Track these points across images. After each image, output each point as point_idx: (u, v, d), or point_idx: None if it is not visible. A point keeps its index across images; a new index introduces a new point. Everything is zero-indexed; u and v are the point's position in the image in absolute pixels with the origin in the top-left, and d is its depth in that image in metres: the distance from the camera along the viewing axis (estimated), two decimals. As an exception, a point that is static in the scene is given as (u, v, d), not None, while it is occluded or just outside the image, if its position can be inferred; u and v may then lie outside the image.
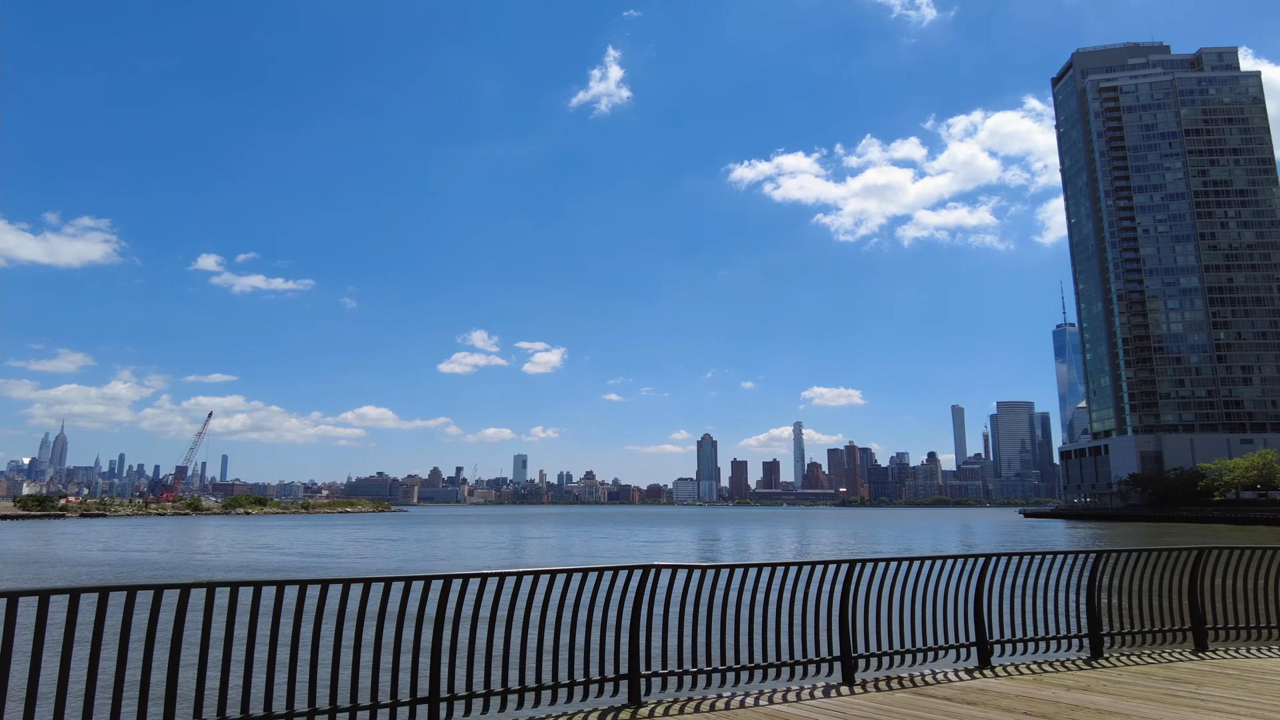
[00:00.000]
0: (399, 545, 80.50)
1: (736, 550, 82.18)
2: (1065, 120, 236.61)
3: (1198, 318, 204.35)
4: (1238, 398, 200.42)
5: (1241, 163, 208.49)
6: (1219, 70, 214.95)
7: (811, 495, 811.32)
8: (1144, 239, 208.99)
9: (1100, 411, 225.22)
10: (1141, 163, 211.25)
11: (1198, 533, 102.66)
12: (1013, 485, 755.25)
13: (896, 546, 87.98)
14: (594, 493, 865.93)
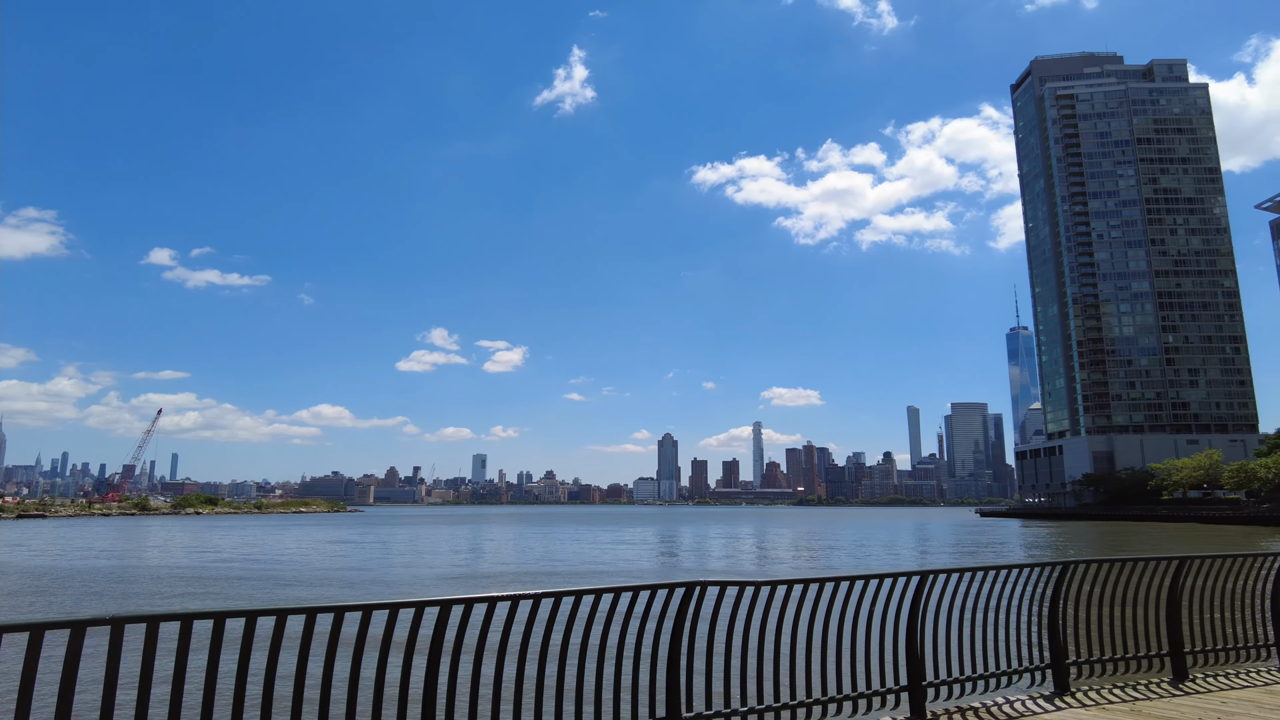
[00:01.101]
0: (359, 547, 77.35)
1: (697, 549, 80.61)
2: (1024, 126, 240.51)
3: (1148, 321, 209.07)
4: (1185, 400, 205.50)
5: (1190, 172, 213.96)
6: (1169, 81, 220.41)
7: (770, 494, 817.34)
8: (1098, 244, 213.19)
9: (1055, 412, 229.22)
10: (1096, 169, 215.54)
11: (1159, 533, 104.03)
12: (966, 485, 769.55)
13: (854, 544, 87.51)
14: (554, 493, 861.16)
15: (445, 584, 41.44)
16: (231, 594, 35.68)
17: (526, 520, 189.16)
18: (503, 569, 52.36)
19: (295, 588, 39.16)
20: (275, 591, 37.58)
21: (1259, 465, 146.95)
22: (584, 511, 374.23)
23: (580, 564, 58.43)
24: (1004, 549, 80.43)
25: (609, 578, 47.17)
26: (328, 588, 39.50)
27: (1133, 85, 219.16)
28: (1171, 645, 9.60)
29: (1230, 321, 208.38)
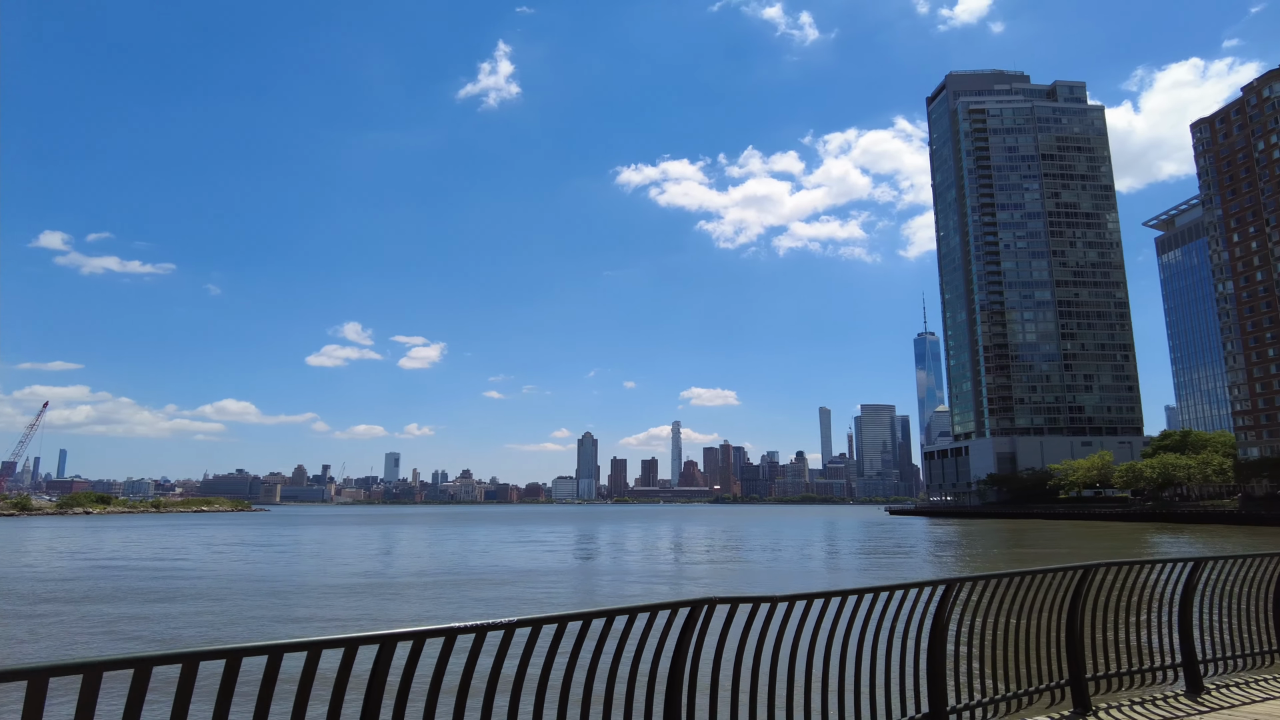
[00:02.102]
0: (262, 550, 72.60)
1: (613, 547, 79.36)
2: (938, 138, 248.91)
3: (1049, 329, 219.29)
4: (1080, 404, 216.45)
5: (1088, 188, 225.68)
6: (1070, 102, 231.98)
7: (688, 492, 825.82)
8: (1005, 254, 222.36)
9: (962, 414, 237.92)
10: (1004, 182, 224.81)
11: (1057, 530, 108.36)
12: (874, 484, 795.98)
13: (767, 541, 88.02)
14: (470, 492, 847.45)
15: (360, 588, 38.44)
16: (82, 615, 32.03)
17: (442, 520, 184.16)
18: (419, 573, 49.54)
19: (176, 603, 35.58)
20: (143, 609, 34.02)
21: (1145, 466, 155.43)
22: (501, 511, 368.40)
23: (499, 566, 56.17)
24: (914, 547, 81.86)
25: (528, 579, 45.09)
26: (221, 603, 36.01)
27: (1038, 104, 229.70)
28: (1184, 656, 8.94)
29: (1121, 331, 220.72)
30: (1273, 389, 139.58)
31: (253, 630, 26.08)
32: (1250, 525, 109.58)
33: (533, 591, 37.50)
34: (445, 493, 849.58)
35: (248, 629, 26.27)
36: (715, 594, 5.85)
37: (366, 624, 27.41)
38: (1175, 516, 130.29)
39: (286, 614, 29.75)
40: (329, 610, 31.15)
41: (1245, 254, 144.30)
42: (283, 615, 29.43)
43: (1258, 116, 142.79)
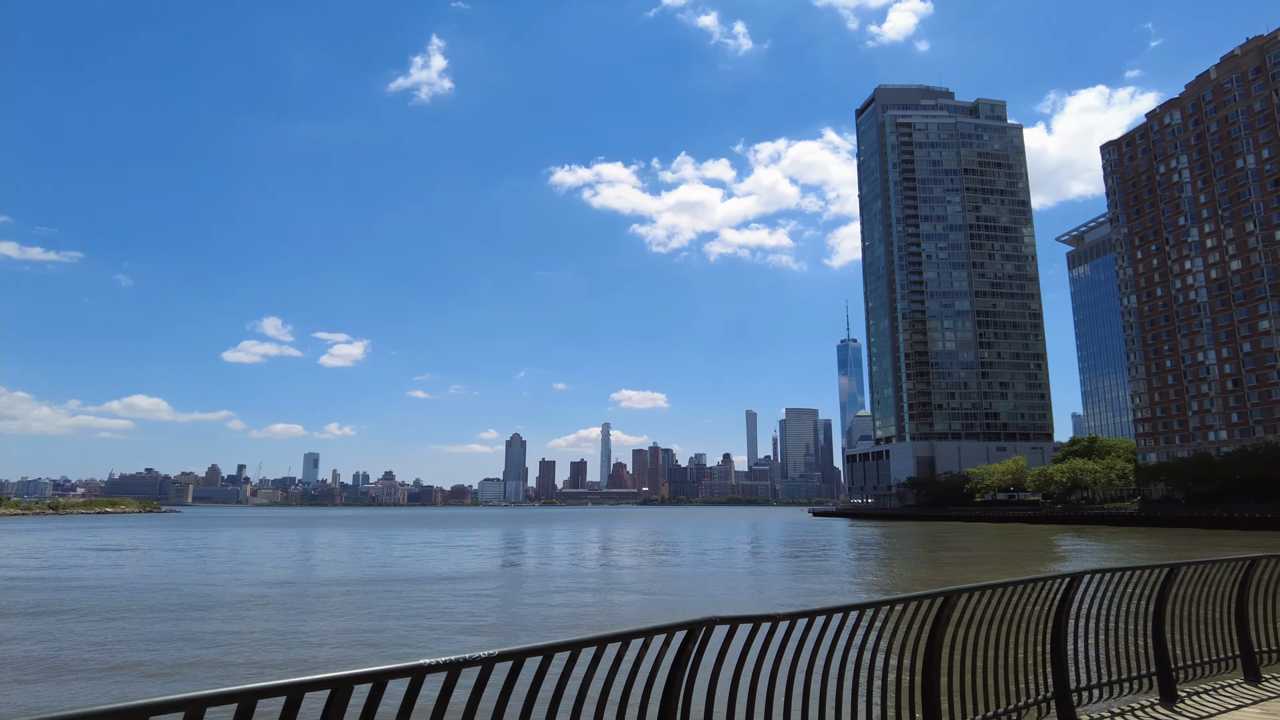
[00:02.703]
0: (169, 554, 68.20)
1: (541, 550, 77.77)
2: (866, 150, 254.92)
3: (967, 338, 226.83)
4: (996, 410, 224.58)
5: (1006, 203, 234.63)
6: (991, 120, 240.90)
7: (616, 494, 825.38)
8: (927, 264, 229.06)
9: (883, 419, 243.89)
10: (928, 195, 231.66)
11: (969, 531, 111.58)
12: (798, 486, 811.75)
13: (694, 541, 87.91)
14: (393, 494, 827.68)
15: (275, 600, 35.99)
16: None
17: (363, 523, 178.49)
18: (339, 580, 47.08)
19: (52, 618, 32.58)
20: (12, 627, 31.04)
21: (1055, 470, 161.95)
22: (425, 514, 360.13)
23: (423, 571, 54.08)
24: (835, 547, 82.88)
25: (455, 584, 43.36)
26: (112, 622, 33.12)
27: (961, 120, 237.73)
28: (1158, 663, 8.78)
29: (1034, 341, 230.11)
30: (1169, 399, 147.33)
31: (149, 655, 23.63)
32: (1148, 526, 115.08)
33: (460, 597, 35.83)
34: (367, 495, 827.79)
35: (143, 655, 23.85)
36: (716, 613, 5.20)
37: (285, 642, 25.36)
38: (1082, 519, 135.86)
39: (191, 632, 27.30)
40: (241, 626, 28.84)
41: (1147, 270, 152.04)
42: (187, 634, 26.95)
43: (1159, 141, 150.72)
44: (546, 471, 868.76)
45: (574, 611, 32.21)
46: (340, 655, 22.72)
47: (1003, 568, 51.31)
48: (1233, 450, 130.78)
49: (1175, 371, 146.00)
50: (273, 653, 23.09)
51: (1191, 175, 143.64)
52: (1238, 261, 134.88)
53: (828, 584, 44.26)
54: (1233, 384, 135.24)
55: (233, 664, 21.49)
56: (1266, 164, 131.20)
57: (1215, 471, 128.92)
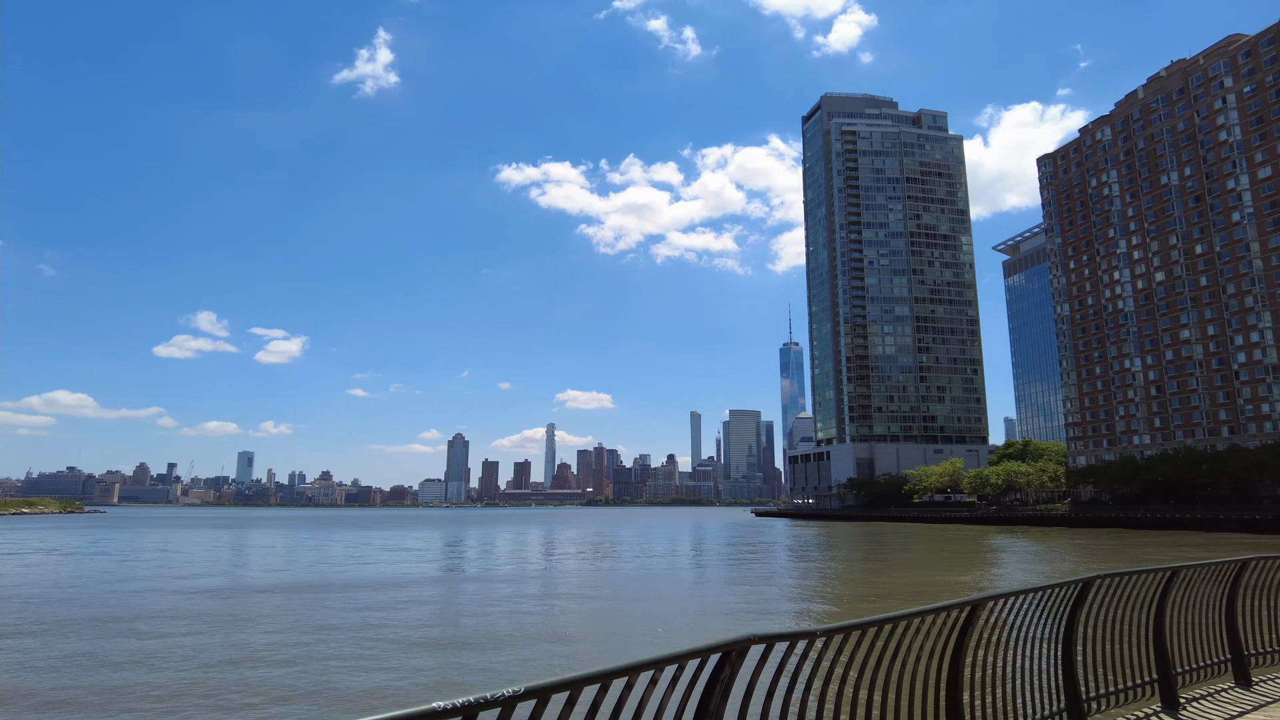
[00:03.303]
0: (92, 561, 64.29)
1: (483, 552, 76.00)
2: (811, 156, 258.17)
3: (906, 342, 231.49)
4: (933, 414, 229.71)
5: (946, 212, 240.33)
6: (933, 130, 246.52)
7: (560, 495, 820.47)
8: (869, 270, 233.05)
9: (824, 421, 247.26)
10: (871, 202, 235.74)
11: (907, 532, 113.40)
12: (740, 486, 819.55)
13: (637, 542, 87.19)
14: (330, 494, 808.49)
15: (202, 612, 33.78)
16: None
17: (299, 524, 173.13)
18: (273, 586, 44.77)
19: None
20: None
21: (991, 473, 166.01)
22: (364, 515, 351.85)
23: (362, 574, 52.07)
24: (774, 546, 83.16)
25: (395, 588, 41.62)
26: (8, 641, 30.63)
27: (905, 130, 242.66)
28: (1160, 670, 8.55)
29: (971, 346, 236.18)
30: (1098, 404, 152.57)
31: (55, 682, 21.57)
32: (1077, 527, 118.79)
33: (400, 606, 34.17)
34: (303, 495, 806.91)
35: (47, 682, 21.74)
36: (755, 631, 4.58)
37: (217, 661, 23.47)
38: (1016, 520, 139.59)
39: (107, 653, 25.12)
40: (167, 643, 26.74)
41: (1079, 280, 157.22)
42: (104, 655, 24.75)
43: (1091, 156, 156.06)
44: (489, 472, 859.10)
45: (519, 623, 30.96)
46: (281, 677, 21.07)
47: (947, 571, 51.71)
48: (1155, 454, 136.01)
49: (1104, 378, 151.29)
50: (205, 673, 21.29)
51: (1120, 190, 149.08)
52: (1162, 273, 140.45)
53: (773, 592, 43.81)
54: (1156, 390, 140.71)
55: (156, 692, 19.66)
56: (1188, 181, 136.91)
57: (1139, 474, 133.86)
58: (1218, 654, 9.27)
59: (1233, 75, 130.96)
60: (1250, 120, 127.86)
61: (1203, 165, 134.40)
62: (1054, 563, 58.52)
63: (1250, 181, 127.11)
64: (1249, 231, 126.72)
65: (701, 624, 29.85)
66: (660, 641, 25.85)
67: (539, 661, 22.48)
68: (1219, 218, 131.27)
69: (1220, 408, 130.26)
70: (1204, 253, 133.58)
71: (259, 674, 21.16)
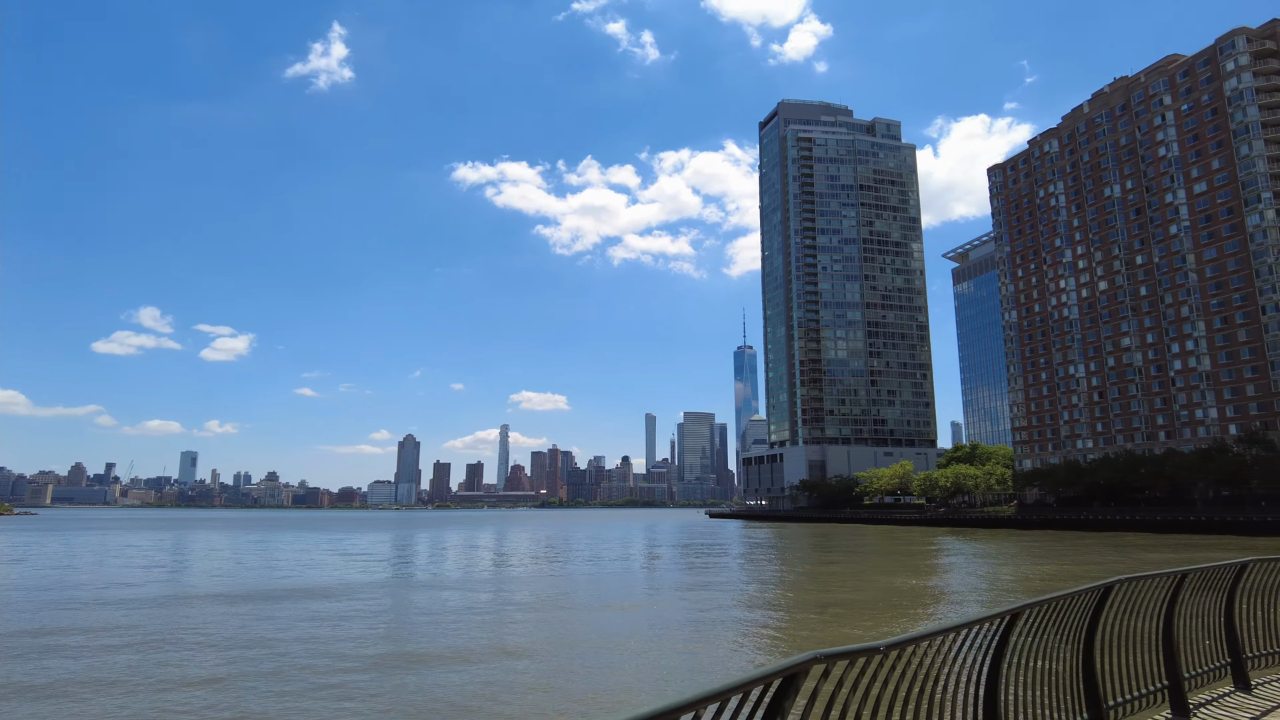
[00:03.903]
0: (14, 568, 60.60)
1: (433, 556, 74.11)
2: (768, 162, 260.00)
3: (858, 347, 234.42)
4: (884, 417, 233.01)
5: (898, 219, 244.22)
6: (887, 139, 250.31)
7: (513, 497, 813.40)
8: (822, 275, 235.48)
9: (777, 423, 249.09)
10: (825, 208, 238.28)
11: (858, 533, 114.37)
12: (694, 488, 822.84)
13: (591, 545, 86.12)
14: (276, 495, 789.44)
15: (137, 626, 31.63)
16: None
17: (244, 526, 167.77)
18: (215, 593, 42.52)
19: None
20: None
21: (940, 475, 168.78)
22: (311, 516, 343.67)
23: (309, 579, 50.03)
24: (728, 549, 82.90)
25: (344, 594, 39.83)
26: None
27: (859, 137, 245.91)
28: (1169, 675, 8.39)
29: (921, 352, 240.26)
30: (1044, 408, 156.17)
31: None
32: (1023, 529, 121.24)
33: (347, 617, 32.50)
34: (248, 496, 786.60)
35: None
36: (818, 651, 4.14)
37: (145, 685, 21.65)
38: (964, 521, 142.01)
39: (21, 678, 23.11)
40: (92, 661, 24.75)
41: (1027, 288, 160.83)
42: (17, 680, 22.76)
43: (1039, 168, 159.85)
44: (441, 474, 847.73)
45: (471, 636, 29.65)
46: (217, 704, 19.43)
47: (913, 575, 51.66)
48: (1097, 458, 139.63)
49: (1049, 383, 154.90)
50: (130, 698, 19.54)
51: (1066, 200, 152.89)
52: (1105, 282, 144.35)
53: (726, 598, 43.11)
54: (1098, 396, 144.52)
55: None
56: (1130, 194, 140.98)
57: (1082, 477, 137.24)
58: (1218, 658, 9.10)
59: (1171, 93, 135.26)
60: (1187, 137, 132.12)
61: (1143, 179, 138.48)
62: (1009, 565, 59.07)
63: (1187, 196, 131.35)
64: (1185, 244, 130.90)
65: (663, 640, 28.88)
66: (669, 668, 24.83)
67: (499, 683, 21.24)
68: (1158, 230, 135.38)
69: (1158, 413, 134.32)
70: (1144, 263, 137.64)
71: (193, 699, 19.52)
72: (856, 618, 31.59)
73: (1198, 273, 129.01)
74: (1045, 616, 6.80)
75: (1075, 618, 7.38)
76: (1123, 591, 7.90)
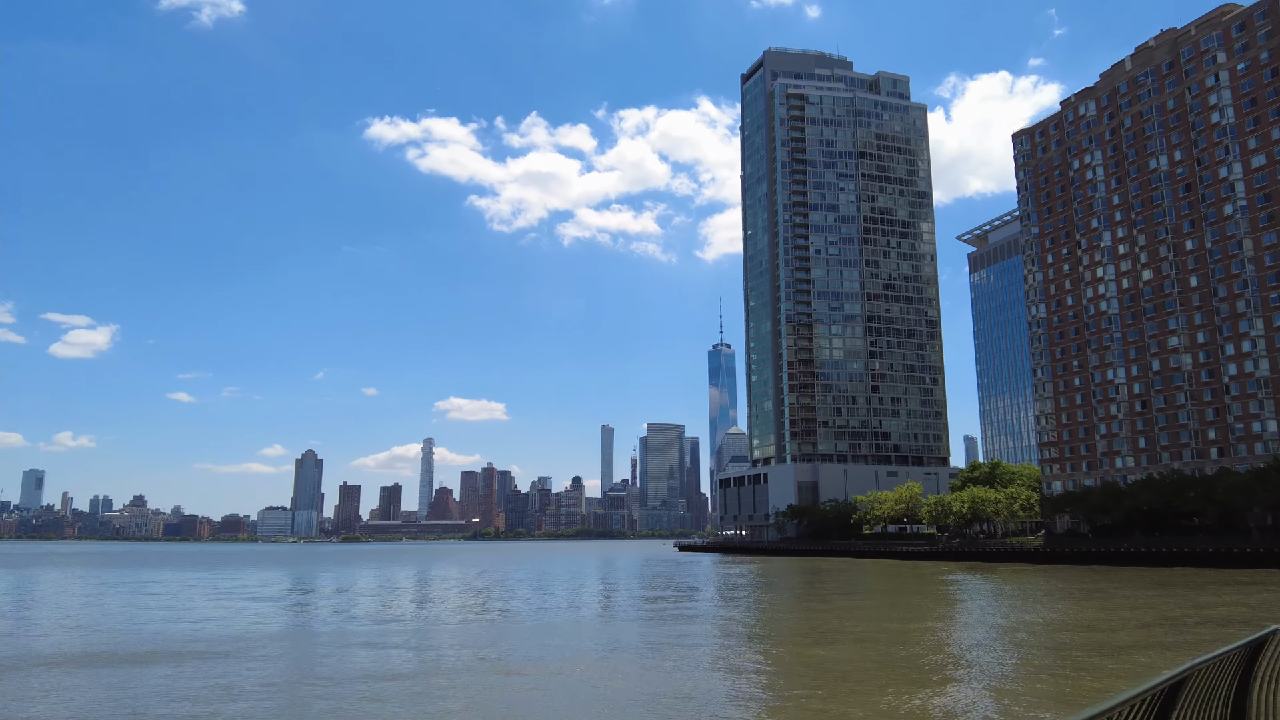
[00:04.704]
0: None
1: (338, 601, 72.24)
2: (751, 123, 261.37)
3: (857, 346, 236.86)
4: (886, 430, 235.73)
5: (905, 194, 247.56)
6: (893, 97, 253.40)
7: (439, 527, 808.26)
8: (815, 260, 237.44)
9: (761, 437, 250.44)
10: (819, 180, 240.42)
11: (855, 570, 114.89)
12: (659, 515, 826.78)
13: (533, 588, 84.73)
14: (145, 525, 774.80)
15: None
16: None
17: (103, 562, 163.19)
18: (54, 651, 40.47)
19: None
20: None
21: (954, 500, 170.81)
22: (188, 551, 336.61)
23: (184, 632, 48.06)
24: (701, 590, 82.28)
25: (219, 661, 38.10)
26: None
27: (860, 95, 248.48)
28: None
29: (931, 352, 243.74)
30: (1076, 420, 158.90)
31: None
32: (1053, 564, 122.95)
33: (225, 691, 30.87)
34: (109, 526, 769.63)
35: None
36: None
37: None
38: (983, 555, 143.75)
39: None
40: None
41: (1057, 277, 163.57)
42: None
43: (1073, 134, 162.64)
44: (349, 498, 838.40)
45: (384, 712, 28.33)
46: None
47: (909, 619, 51.36)
48: (1138, 479, 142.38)
49: (1083, 391, 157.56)
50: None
51: (1105, 174, 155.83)
52: (1149, 271, 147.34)
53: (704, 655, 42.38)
54: (1140, 406, 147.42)
55: None
56: (1178, 166, 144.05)
57: (1120, 501, 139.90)
58: None
59: (1225, 49, 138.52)
60: (1244, 101, 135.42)
61: (1194, 149, 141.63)
62: (1039, 607, 59.20)
63: (1244, 170, 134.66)
64: (1241, 226, 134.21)
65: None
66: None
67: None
68: (1210, 210, 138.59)
69: (1209, 426, 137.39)
70: (1194, 249, 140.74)
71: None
72: (868, 688, 30.85)
73: (1256, 261, 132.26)
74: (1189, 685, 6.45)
75: (1219, 683, 7.11)
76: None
